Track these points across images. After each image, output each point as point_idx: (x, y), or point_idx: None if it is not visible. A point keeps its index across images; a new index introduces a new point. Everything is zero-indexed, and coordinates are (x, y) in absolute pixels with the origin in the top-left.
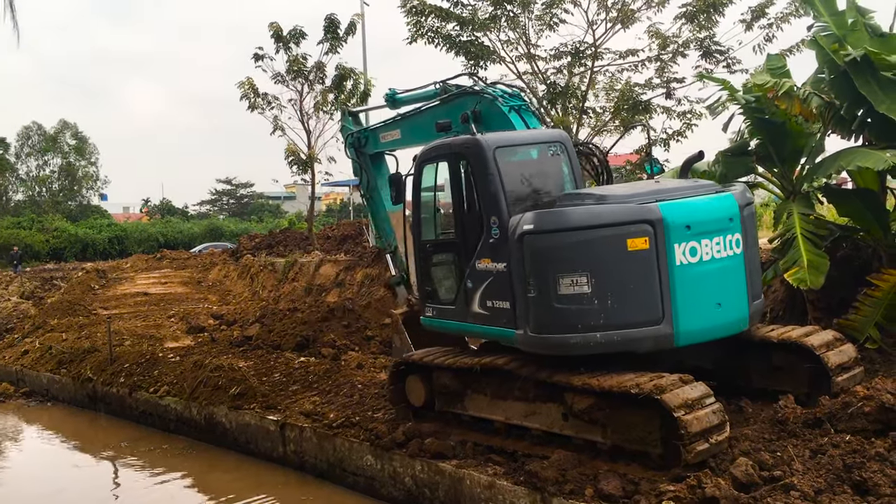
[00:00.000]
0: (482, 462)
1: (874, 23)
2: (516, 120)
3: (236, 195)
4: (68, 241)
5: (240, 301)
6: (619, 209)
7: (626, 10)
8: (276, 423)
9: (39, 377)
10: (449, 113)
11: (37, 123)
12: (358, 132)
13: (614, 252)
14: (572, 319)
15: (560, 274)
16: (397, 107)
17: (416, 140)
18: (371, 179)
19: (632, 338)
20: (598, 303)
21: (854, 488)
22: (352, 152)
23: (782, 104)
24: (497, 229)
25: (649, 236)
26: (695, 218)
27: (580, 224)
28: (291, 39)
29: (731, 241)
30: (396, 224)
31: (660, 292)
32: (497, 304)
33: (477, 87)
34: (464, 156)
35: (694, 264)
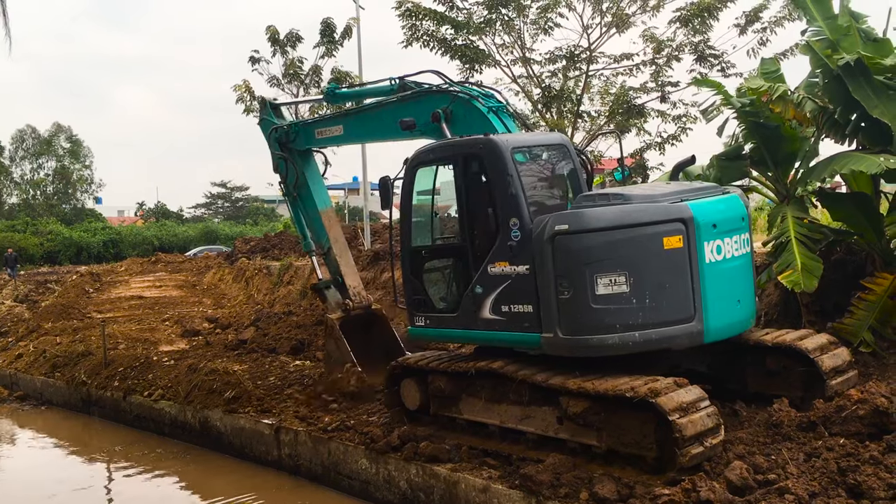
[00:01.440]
0: (477, 466)
1: (867, 27)
2: (496, 122)
3: (231, 198)
4: (63, 244)
5: (235, 304)
6: (653, 208)
7: (621, 15)
8: (271, 427)
9: (33, 381)
10: (412, 111)
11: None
12: (287, 126)
13: (651, 251)
14: (610, 319)
15: (597, 274)
16: (337, 101)
17: (363, 137)
18: (299, 177)
19: (667, 336)
20: (636, 302)
21: (848, 492)
22: (276, 147)
23: (776, 108)
24: (518, 231)
25: (682, 235)
26: (719, 217)
27: (618, 223)
28: (287, 43)
29: (744, 239)
30: (329, 224)
31: (692, 290)
32: (516, 308)
33: (449, 86)
34: (477, 156)
35: (719, 262)
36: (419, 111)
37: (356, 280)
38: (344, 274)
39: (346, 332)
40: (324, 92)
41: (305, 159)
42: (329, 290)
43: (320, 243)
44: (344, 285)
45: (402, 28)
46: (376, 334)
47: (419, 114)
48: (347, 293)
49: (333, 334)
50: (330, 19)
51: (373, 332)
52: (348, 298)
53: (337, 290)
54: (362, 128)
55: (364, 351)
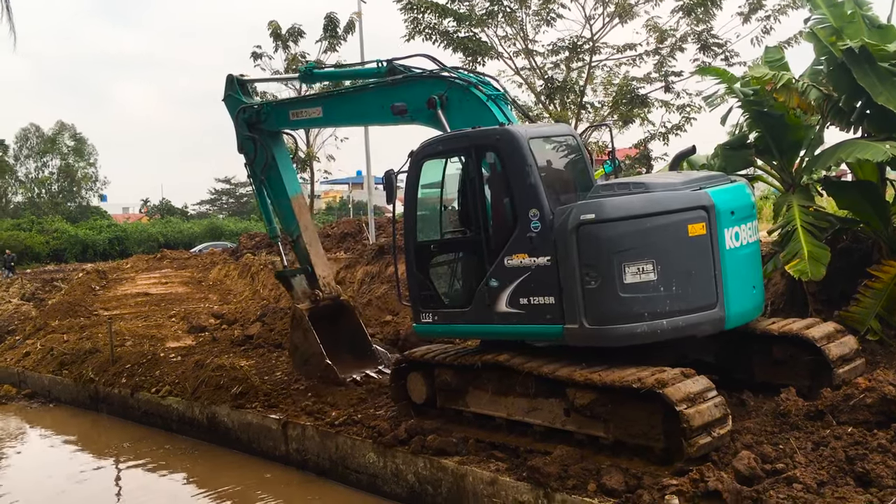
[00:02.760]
0: (484, 458)
1: (872, 14)
2: (496, 110)
3: (236, 194)
4: (68, 242)
5: (240, 300)
6: (678, 196)
7: (624, 5)
8: (279, 422)
9: (41, 379)
10: (404, 95)
11: (35, 125)
12: (259, 106)
13: (677, 238)
14: (639, 308)
15: (626, 262)
16: (314, 81)
17: (344, 121)
18: (269, 160)
19: (693, 323)
20: (663, 290)
21: (856, 480)
22: (243, 127)
23: (780, 97)
24: (538, 222)
25: (705, 222)
26: (736, 204)
27: (644, 212)
28: (290, 38)
29: (754, 227)
30: (299, 210)
31: (714, 277)
32: (536, 300)
33: (444, 71)
34: (493, 147)
35: (737, 248)
36: (412, 96)
37: (326, 269)
38: (314, 263)
39: (314, 322)
40: (300, 71)
41: (275, 141)
42: (295, 278)
43: (289, 230)
44: (314, 274)
45: (404, 22)
46: (343, 326)
47: (411, 99)
48: (317, 283)
49: (302, 325)
50: (333, 14)
51: (340, 323)
52: (318, 288)
53: (306, 279)
54: (344, 110)
55: (332, 342)
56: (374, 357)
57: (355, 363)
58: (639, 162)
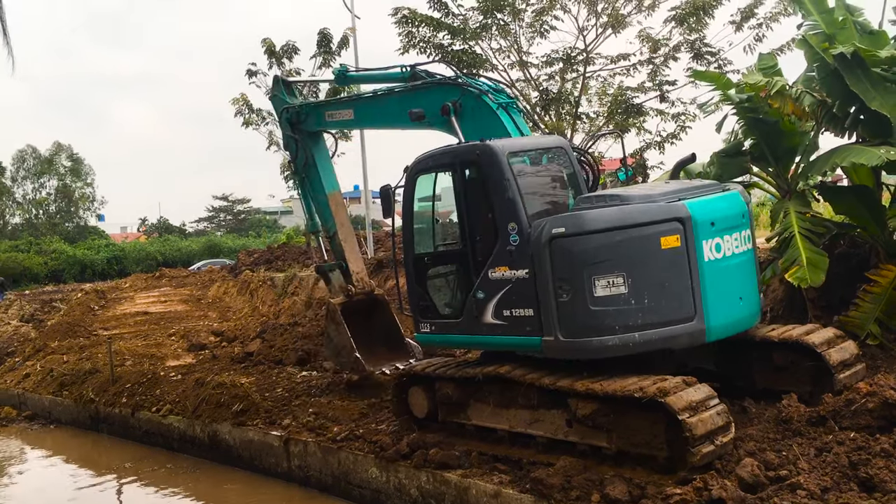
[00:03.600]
0: (487, 471)
1: (863, 20)
2: (505, 118)
3: (233, 211)
4: (67, 262)
5: (240, 317)
6: (650, 208)
7: (617, 15)
8: (280, 439)
9: (41, 400)
10: (422, 101)
11: (31, 146)
12: (299, 107)
13: (649, 251)
14: (610, 321)
15: (595, 276)
16: (346, 84)
17: (372, 124)
18: (308, 158)
19: (668, 336)
20: (635, 303)
21: (860, 485)
22: (286, 126)
23: (775, 103)
24: (516, 236)
25: (680, 234)
26: (717, 215)
27: (614, 224)
28: (284, 55)
29: (745, 236)
30: (336, 208)
31: (691, 289)
32: (517, 312)
33: (459, 78)
34: (475, 163)
35: (719, 260)
36: (429, 102)
37: (360, 265)
38: (348, 259)
39: (347, 316)
40: (334, 73)
41: (315, 140)
42: (333, 273)
43: (326, 227)
44: (348, 270)
45: (398, 35)
46: (377, 320)
47: (429, 104)
48: (351, 279)
49: (335, 318)
50: (327, 30)
51: (374, 317)
52: (351, 284)
53: (341, 274)
54: (372, 114)
55: (365, 336)
56: (407, 350)
57: (387, 356)
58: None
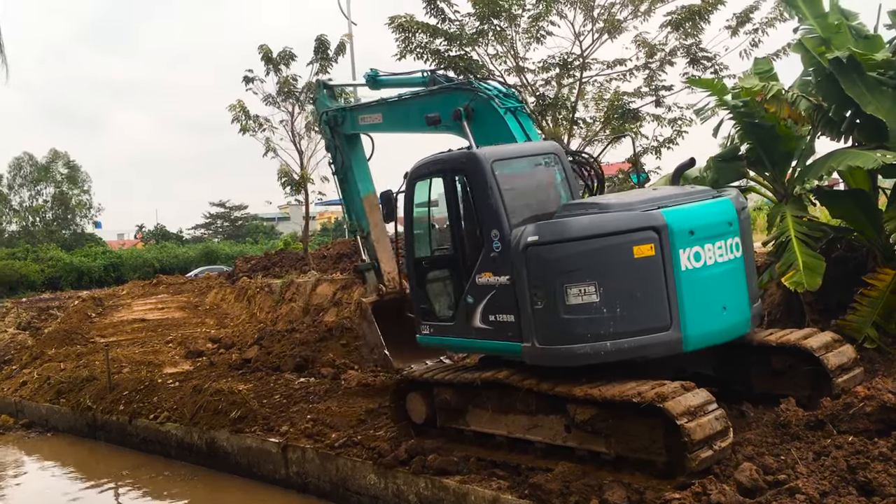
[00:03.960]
0: (486, 477)
1: (858, 24)
2: (512, 123)
3: (230, 218)
4: (64, 269)
5: (237, 324)
6: (623, 217)
7: (613, 21)
8: (278, 445)
9: (39, 408)
10: (438, 105)
11: (28, 154)
12: (335, 110)
13: (621, 260)
14: (581, 329)
15: (567, 284)
16: (377, 88)
17: (398, 127)
18: (345, 160)
19: (641, 345)
20: (606, 311)
21: (859, 489)
22: (326, 130)
23: (771, 108)
24: (499, 243)
25: (654, 243)
26: (697, 223)
27: (586, 233)
28: (281, 61)
29: (731, 244)
30: (370, 209)
31: (667, 298)
32: (501, 317)
33: (471, 83)
34: (461, 170)
35: (699, 269)
36: (444, 106)
37: (392, 266)
38: (380, 259)
39: (379, 315)
40: (365, 77)
41: (352, 143)
42: (368, 273)
43: (361, 227)
44: (380, 270)
45: (395, 41)
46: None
47: (444, 109)
48: (382, 278)
49: (366, 317)
50: (323, 36)
51: (405, 316)
52: (382, 283)
53: (374, 274)
54: (397, 118)
55: (396, 334)
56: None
57: (417, 354)
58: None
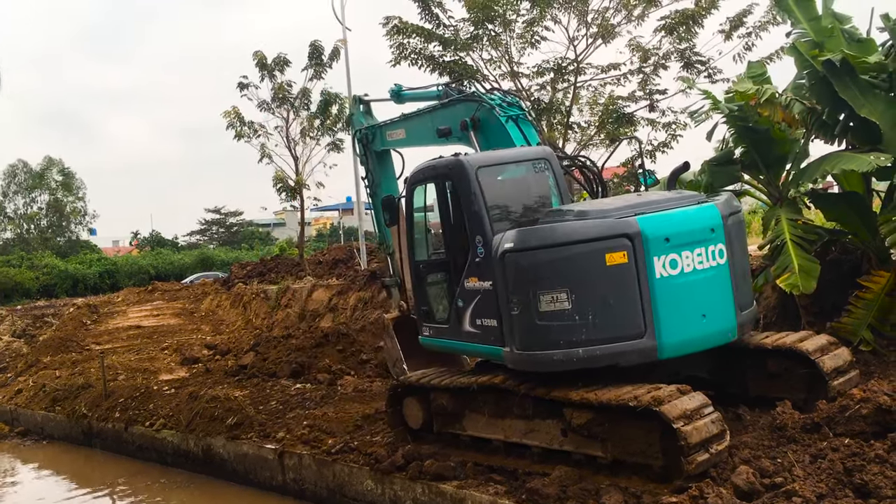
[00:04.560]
0: (483, 482)
1: (851, 27)
2: (513, 130)
3: (226, 224)
4: (59, 277)
5: (233, 330)
6: (596, 224)
7: (606, 25)
8: (275, 452)
9: (34, 415)
10: (449, 118)
11: (22, 161)
12: (367, 128)
13: (593, 267)
14: (554, 336)
15: (540, 291)
16: (402, 102)
17: (418, 141)
18: (376, 177)
19: (614, 352)
20: (578, 318)
21: (856, 492)
22: (360, 147)
23: (765, 111)
24: (482, 248)
25: (627, 250)
26: (674, 230)
27: (558, 240)
28: (276, 67)
29: (713, 251)
30: (393, 229)
31: (640, 306)
32: (486, 322)
33: (476, 93)
34: (448, 177)
35: (675, 276)
36: (454, 118)
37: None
38: (403, 277)
39: (401, 330)
40: (390, 92)
41: (382, 160)
42: (393, 289)
43: (387, 244)
44: (403, 287)
45: (389, 47)
46: None
47: (454, 121)
48: (405, 295)
49: (388, 332)
50: (318, 42)
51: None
52: (405, 300)
53: (399, 290)
54: (416, 132)
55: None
56: (458, 361)
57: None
58: (626, 180)
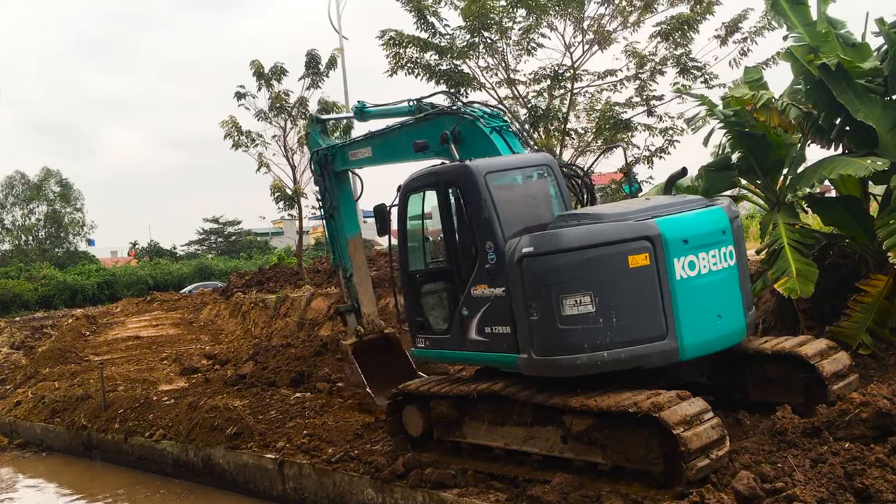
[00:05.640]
0: (483, 490)
1: (846, 32)
2: (498, 141)
3: (224, 233)
4: (57, 288)
5: (232, 339)
6: (617, 227)
7: (603, 32)
8: (275, 461)
9: (33, 427)
10: (425, 133)
11: (20, 172)
12: (326, 148)
13: (616, 270)
14: (578, 340)
15: (563, 295)
16: (365, 120)
17: (387, 159)
18: (333, 199)
19: (638, 354)
20: (602, 321)
21: (856, 496)
22: (317, 169)
23: (761, 116)
24: (493, 254)
25: (649, 252)
26: (691, 232)
27: (581, 244)
28: (273, 76)
29: (725, 253)
30: (355, 251)
31: (662, 307)
32: (497, 329)
33: (455, 106)
34: (454, 183)
35: (693, 278)
36: (432, 132)
37: (372, 308)
38: (361, 302)
39: (361, 355)
40: (353, 109)
41: (341, 182)
42: (349, 315)
43: (345, 267)
44: (360, 311)
45: (386, 57)
46: (391, 357)
47: (431, 135)
48: (362, 320)
49: (347, 359)
50: (314, 51)
51: (388, 354)
52: (361, 325)
53: (355, 315)
54: (386, 150)
55: (381, 373)
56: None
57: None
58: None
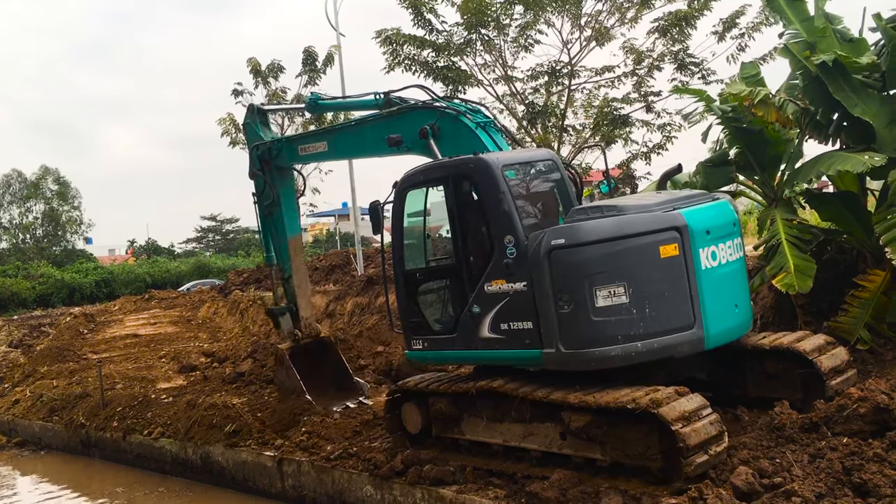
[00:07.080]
0: (482, 486)
1: (843, 28)
2: (484, 137)
3: (222, 231)
4: (55, 286)
5: (230, 337)
6: (648, 218)
7: (600, 28)
8: (273, 459)
9: (31, 426)
10: (399, 127)
11: (17, 171)
12: (270, 142)
13: (649, 260)
14: (612, 331)
15: (597, 286)
16: (317, 112)
17: (346, 154)
18: (275, 196)
19: (669, 344)
20: (636, 312)
21: (855, 490)
22: (256, 163)
23: (759, 112)
24: (513, 248)
25: (678, 242)
26: (712, 223)
27: (613, 235)
28: (270, 74)
29: (737, 244)
30: (295, 251)
31: (690, 297)
32: (515, 325)
33: (435, 101)
34: (467, 177)
35: (715, 268)
36: (406, 127)
37: (309, 311)
38: (299, 304)
39: (297, 359)
40: (306, 102)
41: (283, 178)
42: (283, 317)
43: (283, 268)
44: (297, 315)
45: (383, 54)
46: (327, 361)
47: (406, 130)
48: (299, 323)
49: (283, 363)
50: (311, 48)
51: (323, 359)
52: (298, 328)
53: (291, 317)
54: (347, 143)
55: (315, 378)
56: (356, 389)
57: (338, 396)
58: (622, 182)
